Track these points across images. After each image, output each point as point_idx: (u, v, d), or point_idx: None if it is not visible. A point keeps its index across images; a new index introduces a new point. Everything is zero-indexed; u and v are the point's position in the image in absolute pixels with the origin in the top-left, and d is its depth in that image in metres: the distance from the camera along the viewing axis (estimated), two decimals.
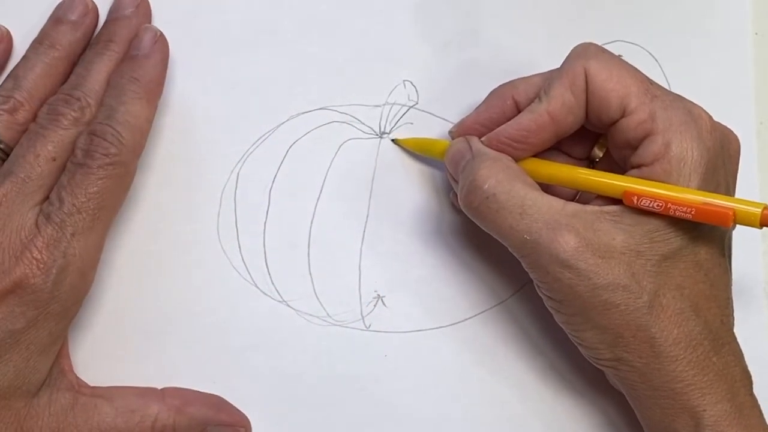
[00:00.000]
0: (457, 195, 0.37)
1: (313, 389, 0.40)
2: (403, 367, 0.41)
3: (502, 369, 0.41)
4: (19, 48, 0.41)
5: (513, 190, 0.35)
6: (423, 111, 0.43)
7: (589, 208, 0.34)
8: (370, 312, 0.41)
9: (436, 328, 0.41)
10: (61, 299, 0.35)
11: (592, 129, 0.37)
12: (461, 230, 0.42)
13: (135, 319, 0.40)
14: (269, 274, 0.41)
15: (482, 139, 0.38)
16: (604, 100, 0.35)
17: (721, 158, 0.35)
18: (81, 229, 0.35)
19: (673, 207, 0.33)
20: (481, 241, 0.41)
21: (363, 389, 0.40)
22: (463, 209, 0.36)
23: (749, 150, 0.43)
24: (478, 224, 0.36)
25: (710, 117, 0.35)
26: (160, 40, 0.40)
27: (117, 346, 0.40)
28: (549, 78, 0.37)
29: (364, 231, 0.42)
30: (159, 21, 0.42)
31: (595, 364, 0.36)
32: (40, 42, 0.40)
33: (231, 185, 0.42)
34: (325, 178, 0.42)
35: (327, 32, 0.43)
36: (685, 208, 0.33)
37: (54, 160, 0.36)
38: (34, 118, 0.38)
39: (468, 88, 0.43)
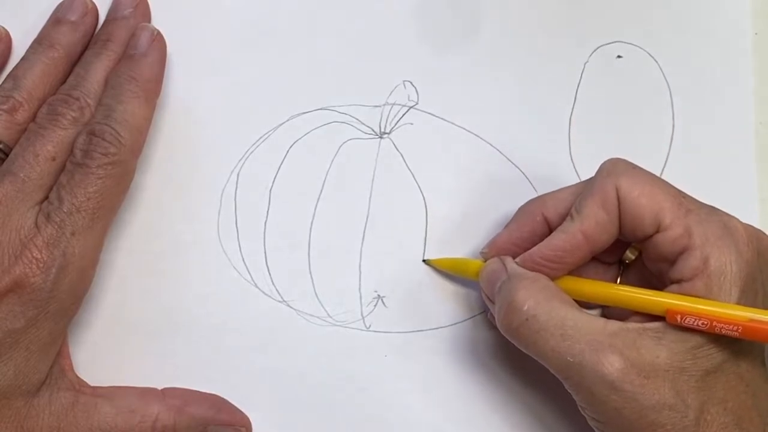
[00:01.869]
0: (494, 315, 0.37)
1: (313, 389, 0.40)
2: (403, 367, 0.41)
3: (501, 369, 0.41)
4: (19, 48, 0.41)
5: (552, 311, 0.34)
6: (423, 111, 0.43)
7: (630, 325, 0.34)
8: (370, 312, 0.41)
9: (436, 328, 0.41)
10: (61, 298, 0.35)
11: (625, 240, 0.37)
12: (461, 231, 0.42)
13: (135, 319, 0.40)
14: (269, 274, 0.41)
15: (516, 260, 0.37)
16: (638, 217, 0.34)
17: (758, 267, 0.34)
18: (80, 228, 0.35)
19: (718, 325, 0.32)
20: (479, 242, 0.41)
21: (363, 389, 0.40)
22: (502, 331, 0.36)
23: (749, 150, 0.43)
24: (517, 346, 0.35)
25: (745, 227, 0.34)
26: (157, 39, 0.40)
27: (117, 346, 0.40)
28: (580, 196, 0.36)
29: (364, 231, 0.42)
30: (158, 21, 0.42)
31: None
32: (39, 42, 0.40)
33: (231, 185, 0.42)
34: (325, 178, 0.42)
35: (327, 32, 0.43)
36: (731, 326, 0.32)
37: (53, 159, 0.36)
38: (34, 118, 0.38)
39: (468, 88, 0.43)
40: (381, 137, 0.42)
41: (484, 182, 0.42)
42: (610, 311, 0.38)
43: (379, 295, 0.41)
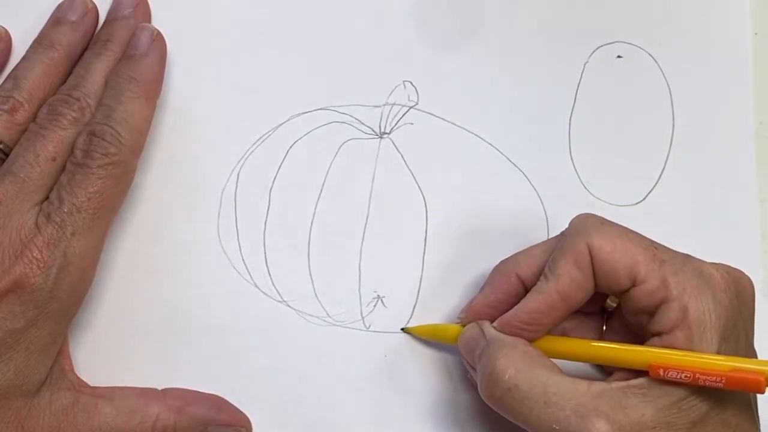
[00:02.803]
0: (475, 380, 0.37)
1: (313, 389, 0.40)
2: (403, 367, 0.41)
3: None
4: (19, 48, 0.41)
5: (534, 378, 0.34)
6: (423, 111, 0.43)
7: (614, 384, 0.33)
8: (370, 312, 0.41)
9: None
10: (61, 299, 0.35)
11: (602, 292, 0.36)
12: (461, 231, 0.42)
13: (135, 319, 0.40)
14: (269, 274, 0.41)
15: (494, 324, 0.37)
16: (612, 273, 0.34)
17: (738, 310, 0.34)
18: (81, 228, 0.35)
19: (702, 377, 0.32)
20: (480, 242, 0.41)
21: (363, 389, 0.40)
22: (486, 401, 0.35)
23: (748, 150, 0.43)
24: (502, 414, 0.35)
25: (721, 273, 0.34)
26: (158, 39, 0.40)
27: (117, 346, 0.40)
28: (552, 255, 0.36)
29: (364, 231, 0.42)
30: (158, 21, 0.42)
31: None
32: (39, 42, 0.40)
33: (231, 185, 0.42)
34: (325, 178, 0.42)
35: (327, 32, 0.43)
36: (714, 378, 0.32)
37: (54, 160, 0.36)
38: (34, 118, 0.38)
39: (468, 88, 0.43)
40: (381, 137, 0.42)
41: (484, 182, 0.42)
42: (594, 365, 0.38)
43: (378, 295, 0.41)
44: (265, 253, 0.41)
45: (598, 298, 0.37)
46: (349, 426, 0.40)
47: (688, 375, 0.32)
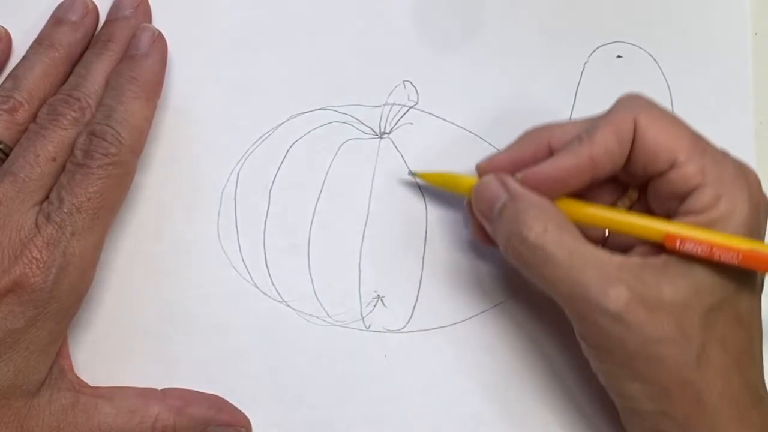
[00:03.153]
0: (474, 229, 0.36)
1: (313, 389, 0.40)
2: (403, 367, 0.41)
3: (501, 369, 0.41)
4: (19, 48, 0.41)
5: (561, 241, 0.34)
6: (423, 111, 0.43)
7: (634, 259, 0.34)
8: (370, 312, 0.41)
9: (436, 328, 0.41)
10: (61, 299, 0.35)
11: (625, 179, 0.37)
12: (460, 231, 0.42)
13: (135, 319, 0.40)
14: (269, 274, 0.41)
15: (518, 175, 0.36)
16: (653, 153, 0.34)
17: (765, 214, 0.35)
18: (81, 228, 0.35)
19: (717, 252, 0.32)
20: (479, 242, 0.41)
21: (363, 389, 0.40)
22: (506, 256, 0.35)
23: (748, 150, 0.43)
24: (520, 271, 0.35)
25: (757, 175, 0.35)
26: (158, 39, 0.40)
27: (117, 346, 0.40)
28: (593, 121, 0.36)
29: (364, 231, 0.42)
30: (159, 21, 0.42)
31: (627, 415, 0.36)
32: (39, 42, 0.40)
33: (231, 185, 0.42)
34: (325, 178, 0.42)
35: (327, 32, 0.43)
36: (730, 253, 0.32)
37: (54, 160, 0.36)
38: (34, 118, 0.38)
39: (468, 88, 0.43)
40: (381, 137, 0.42)
41: None
42: (608, 241, 0.38)
43: (378, 295, 0.41)
44: (265, 253, 0.41)
45: (613, 191, 0.37)
46: (349, 426, 0.40)
47: (705, 248, 0.32)
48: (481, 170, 0.38)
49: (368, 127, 0.42)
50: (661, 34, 0.44)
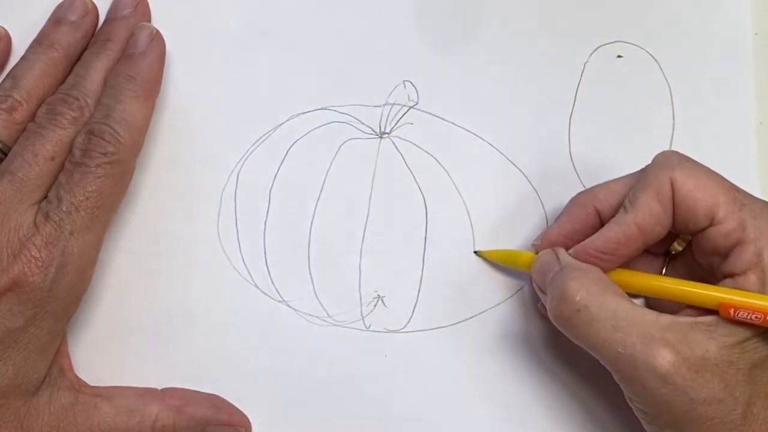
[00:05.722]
0: (545, 305, 0.37)
1: (312, 389, 0.40)
2: (403, 367, 0.40)
3: (501, 369, 0.41)
4: (19, 48, 0.41)
5: (605, 303, 0.34)
6: (423, 111, 0.43)
7: (682, 319, 0.34)
8: (370, 312, 0.41)
9: (436, 328, 0.41)
10: (60, 298, 0.35)
11: (675, 232, 0.37)
12: (460, 231, 0.42)
13: (135, 319, 0.40)
14: (269, 274, 0.41)
15: (570, 251, 0.37)
16: (692, 210, 0.35)
17: None
18: (79, 227, 0.35)
19: None
20: (479, 242, 0.41)
21: (363, 389, 0.40)
22: (554, 321, 0.36)
23: (749, 150, 0.43)
24: (568, 336, 0.35)
25: None
26: (156, 38, 0.40)
27: (117, 346, 0.40)
28: (633, 188, 0.36)
29: (364, 231, 0.42)
30: (158, 21, 0.42)
31: None
32: (39, 42, 0.40)
33: (231, 185, 0.42)
34: (325, 178, 0.42)
35: (327, 32, 0.43)
36: None
37: (52, 159, 0.36)
38: (33, 117, 0.38)
39: (468, 88, 0.43)
40: (381, 137, 0.42)
41: (484, 182, 0.42)
42: (655, 303, 0.38)
43: (378, 295, 0.41)
44: (264, 252, 0.41)
45: (666, 239, 0.37)
46: (349, 426, 0.40)
47: (759, 316, 0.33)
48: (538, 246, 0.39)
49: (368, 127, 0.42)
50: (661, 34, 0.44)
